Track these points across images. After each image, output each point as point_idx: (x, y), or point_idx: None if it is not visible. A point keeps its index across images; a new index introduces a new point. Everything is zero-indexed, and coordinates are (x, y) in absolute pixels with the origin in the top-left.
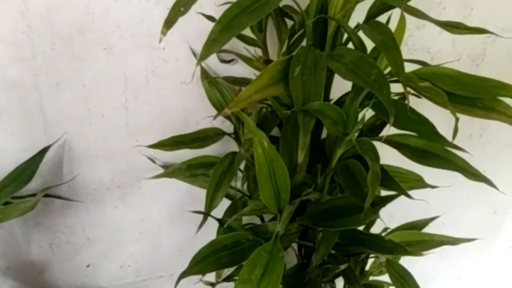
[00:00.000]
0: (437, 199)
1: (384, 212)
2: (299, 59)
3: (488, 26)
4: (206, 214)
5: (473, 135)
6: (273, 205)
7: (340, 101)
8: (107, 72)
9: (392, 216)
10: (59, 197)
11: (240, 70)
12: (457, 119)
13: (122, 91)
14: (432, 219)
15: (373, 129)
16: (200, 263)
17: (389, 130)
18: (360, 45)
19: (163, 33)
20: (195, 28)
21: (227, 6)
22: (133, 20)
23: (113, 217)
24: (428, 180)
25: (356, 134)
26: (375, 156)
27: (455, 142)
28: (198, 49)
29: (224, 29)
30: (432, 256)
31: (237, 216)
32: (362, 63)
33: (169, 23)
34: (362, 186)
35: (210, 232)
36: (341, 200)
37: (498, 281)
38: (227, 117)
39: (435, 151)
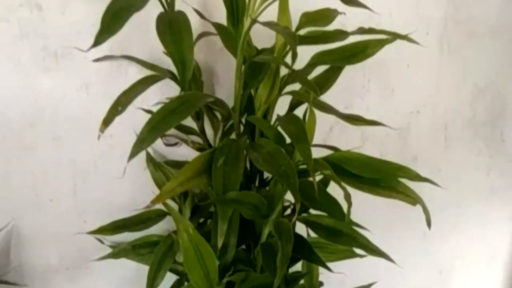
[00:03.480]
0: (385, 262)
1: (335, 276)
2: (223, 150)
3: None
4: None
5: None
6: (203, 285)
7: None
8: (56, 159)
9: (342, 280)
10: (5, 282)
11: (186, 152)
12: (349, 204)
13: (70, 176)
14: (370, 285)
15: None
16: None
17: (307, 210)
18: (276, 137)
19: (101, 130)
20: (140, 116)
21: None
22: (82, 112)
23: None
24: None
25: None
26: (289, 237)
27: None
28: None
29: (152, 129)
30: None
31: None
32: (276, 154)
33: (107, 121)
34: None
35: None
36: (265, 278)
37: None
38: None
39: (343, 229)
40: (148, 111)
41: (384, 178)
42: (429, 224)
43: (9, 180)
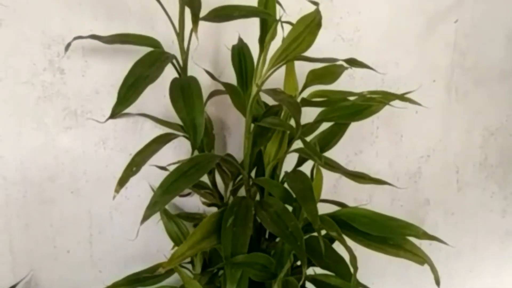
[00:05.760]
0: None
1: None
2: (232, 210)
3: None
4: None
5: None
6: None
7: None
8: (74, 211)
9: None
10: None
11: (198, 202)
12: (355, 268)
13: (87, 227)
14: None
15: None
16: None
17: (314, 270)
18: (284, 196)
19: (117, 191)
20: (153, 169)
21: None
22: (99, 166)
23: None
24: None
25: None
26: None
27: None
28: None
29: (164, 192)
30: None
31: None
32: (283, 214)
33: (122, 182)
34: None
35: None
36: None
37: None
38: None
39: None
40: (162, 168)
41: (391, 236)
42: (438, 283)
43: (28, 233)
